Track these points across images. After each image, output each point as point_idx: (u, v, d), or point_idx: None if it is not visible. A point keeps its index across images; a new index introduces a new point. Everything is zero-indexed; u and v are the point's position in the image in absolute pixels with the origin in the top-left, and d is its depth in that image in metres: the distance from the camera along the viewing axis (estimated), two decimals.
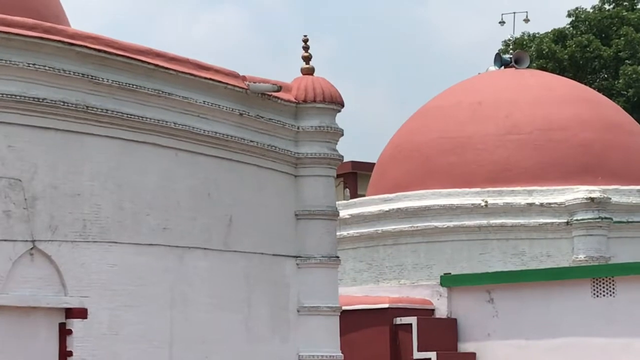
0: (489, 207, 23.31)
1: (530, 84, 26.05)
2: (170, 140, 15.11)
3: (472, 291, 21.82)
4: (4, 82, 13.50)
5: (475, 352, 21.50)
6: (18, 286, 13.60)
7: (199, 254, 15.37)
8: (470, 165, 23.96)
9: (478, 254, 23.19)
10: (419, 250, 23.36)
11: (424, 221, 23.21)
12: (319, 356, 16.38)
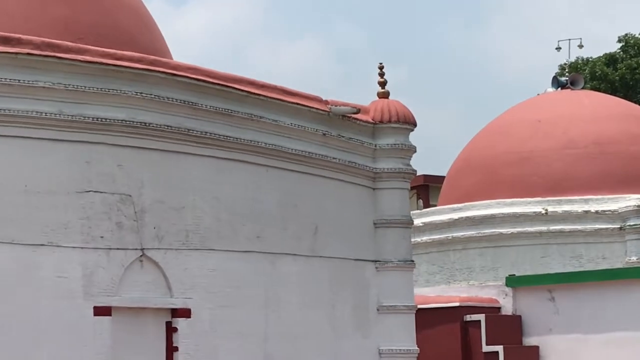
0: (549, 214, 23.19)
1: (585, 103, 25.89)
2: (261, 158, 15.20)
3: (534, 291, 21.69)
4: (115, 109, 13.69)
5: (538, 346, 21.36)
6: (129, 289, 13.78)
7: (289, 260, 15.43)
8: (532, 177, 23.84)
9: (539, 257, 23.07)
10: (485, 254, 23.28)
11: (490, 228, 23.15)
12: (397, 350, 16.36)
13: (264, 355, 14.83)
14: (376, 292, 16.49)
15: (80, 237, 13.35)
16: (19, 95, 13.04)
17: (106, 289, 13.50)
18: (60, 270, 13.18)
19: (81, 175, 13.45)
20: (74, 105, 13.39)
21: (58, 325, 13.08)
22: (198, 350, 14.15)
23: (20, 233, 12.95)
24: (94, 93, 13.51)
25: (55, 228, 13.20)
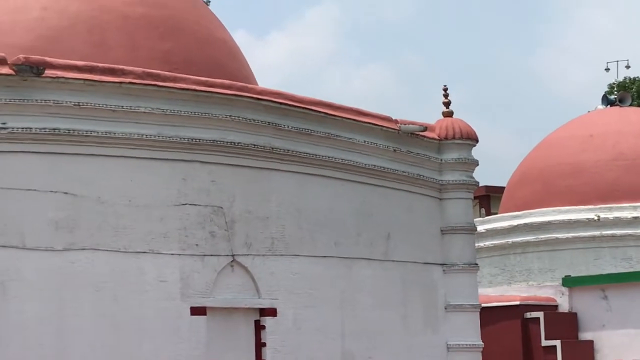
0: (600, 220, 22.98)
1: (633, 119, 25.62)
2: (338, 173, 15.21)
3: (588, 290, 21.53)
4: (207, 131, 13.81)
5: (593, 340, 21.17)
6: (222, 292, 13.86)
7: (363, 264, 15.41)
8: (584, 186, 23.64)
9: (593, 259, 22.85)
10: (543, 257, 23.11)
11: (546, 233, 22.99)
12: (464, 345, 16.27)
13: (342, 350, 14.82)
14: (443, 293, 16.41)
15: (178, 245, 13.49)
16: (123, 119, 13.21)
17: (201, 291, 13.62)
18: (161, 275, 13.32)
19: (178, 190, 13.58)
20: (171, 127, 13.53)
21: (159, 324, 13.23)
22: (284, 345, 14.20)
23: (125, 242, 13.11)
24: (189, 117, 13.65)
25: (156, 237, 13.34)
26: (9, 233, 12.45)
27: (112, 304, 12.94)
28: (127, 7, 14.79)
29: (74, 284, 12.75)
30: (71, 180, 12.87)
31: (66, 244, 12.75)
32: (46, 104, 12.77)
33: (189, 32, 15.37)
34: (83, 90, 12.94)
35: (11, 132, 12.60)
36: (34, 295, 12.50)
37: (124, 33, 14.49)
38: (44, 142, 12.76)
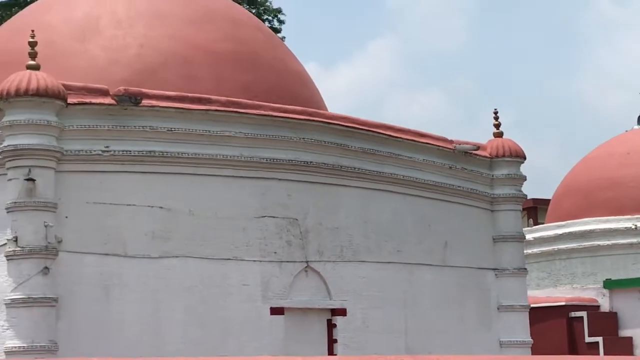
0: (638, 229, 22.66)
1: None
2: (400, 188, 15.22)
3: (627, 291, 21.25)
4: (283, 151, 13.91)
5: (632, 337, 20.89)
6: (297, 294, 13.94)
7: (424, 269, 15.37)
8: (623, 198, 23.33)
9: (631, 263, 22.53)
10: (585, 262, 22.84)
11: (588, 241, 22.71)
12: (515, 341, 16.12)
13: (405, 346, 14.79)
14: (496, 294, 16.29)
15: (259, 253, 13.60)
16: (209, 142, 13.39)
17: (279, 293, 13.71)
18: (243, 279, 13.44)
19: (258, 204, 13.70)
20: (252, 149, 13.66)
21: (242, 322, 13.34)
22: (353, 342, 14.22)
23: (213, 250, 13.27)
24: (267, 139, 13.77)
25: (239, 246, 13.47)
26: (111, 243, 12.68)
27: (200, 305, 13.10)
28: (213, 44, 14.95)
29: (168, 288, 12.94)
30: (165, 196, 13.08)
31: (161, 252, 12.95)
32: (143, 130, 13.01)
33: (267, 65, 15.49)
34: (175, 117, 13.16)
35: (113, 154, 12.84)
36: (133, 298, 12.72)
37: (211, 67, 14.64)
38: (142, 163, 13.00)
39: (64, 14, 15.17)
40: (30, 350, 11.78)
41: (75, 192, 12.52)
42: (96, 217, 12.60)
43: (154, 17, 15.06)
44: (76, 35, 14.67)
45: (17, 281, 12.01)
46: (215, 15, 15.77)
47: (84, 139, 12.68)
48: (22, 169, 12.15)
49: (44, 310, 12.02)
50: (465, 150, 16.06)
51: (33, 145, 12.22)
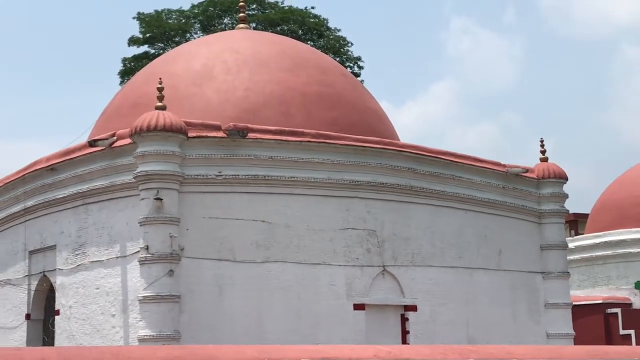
0: None
1: None
2: (461, 204, 15.03)
3: None
4: (363, 174, 13.83)
5: None
6: (376, 293, 13.83)
7: (481, 273, 15.15)
8: None
9: None
10: (619, 267, 22.43)
11: (622, 248, 22.32)
12: (560, 333, 15.81)
13: (467, 337, 14.56)
14: (543, 294, 15.99)
15: (343, 259, 13.53)
16: (302, 167, 13.41)
17: (361, 292, 13.61)
18: (331, 280, 13.39)
19: (343, 218, 13.65)
20: (337, 173, 13.64)
21: (330, 316, 13.28)
22: (423, 333, 14.04)
23: (306, 256, 13.25)
24: (350, 164, 13.73)
25: (327, 253, 13.42)
26: (223, 250, 12.76)
27: (296, 302, 13.08)
28: (305, 87, 15.01)
29: (269, 287, 12.95)
30: (267, 212, 13.11)
31: (264, 257, 12.98)
32: (248, 158, 13.08)
33: (350, 104, 15.48)
34: (274, 147, 13.21)
35: (224, 178, 12.94)
36: (241, 295, 12.76)
37: (303, 106, 14.70)
38: (247, 184, 13.06)
39: (184, 64, 15.40)
40: (159, 338, 11.91)
41: (194, 209, 12.64)
42: (211, 229, 12.70)
43: (257, 65, 15.18)
44: (194, 81, 14.86)
45: (148, 282, 12.16)
46: (307, 63, 15.83)
47: (201, 165, 12.81)
48: (152, 191, 12.32)
49: (169, 305, 12.14)
50: (516, 173, 15.86)
51: (161, 171, 12.39)
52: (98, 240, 13.19)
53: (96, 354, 8.74)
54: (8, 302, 15.14)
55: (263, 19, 31.18)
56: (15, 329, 14.83)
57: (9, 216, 15.27)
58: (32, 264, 14.56)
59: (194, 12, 31.99)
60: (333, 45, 32.11)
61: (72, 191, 13.61)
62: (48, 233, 14.15)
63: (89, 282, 13.22)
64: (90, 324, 13.10)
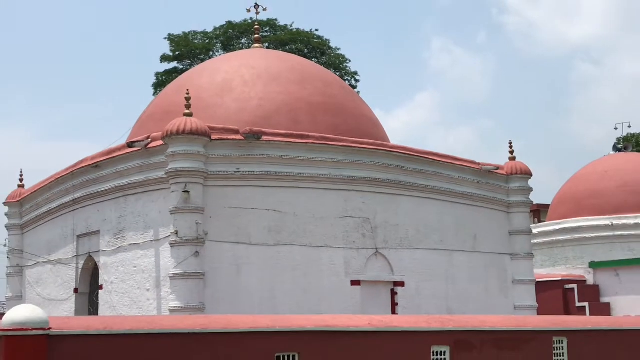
0: (613, 225, 22.06)
1: (633, 159, 24.52)
2: (442, 197, 14.97)
3: (606, 270, 20.73)
4: (359, 171, 13.75)
5: (610, 303, 20.32)
6: (370, 271, 13.76)
7: (459, 254, 15.10)
8: (602, 204, 22.73)
9: (609, 250, 21.99)
10: (575, 249, 22.39)
11: (578, 234, 22.30)
12: (525, 305, 15.74)
13: (447, 308, 14.52)
14: (511, 272, 15.93)
15: (342, 242, 13.49)
16: (308, 165, 13.35)
17: (357, 270, 13.57)
18: (332, 260, 13.35)
19: (342, 208, 13.60)
20: (338, 169, 13.58)
21: (331, 291, 13.25)
22: (409, 305, 14.00)
23: (311, 240, 13.20)
24: (348, 163, 13.66)
25: (329, 237, 13.38)
26: (241, 235, 12.73)
27: (303, 279, 13.05)
28: (311, 97, 14.96)
29: (280, 266, 12.92)
30: (278, 202, 13.07)
31: (275, 241, 12.94)
32: (262, 157, 13.04)
33: (348, 112, 15.43)
34: (284, 148, 13.17)
35: (242, 174, 12.90)
36: (256, 273, 12.73)
37: (309, 113, 14.64)
38: (261, 179, 13.02)
39: (208, 78, 15.35)
40: (186, 309, 11.89)
41: (217, 200, 12.60)
42: (230, 217, 12.66)
43: (270, 79, 15.13)
44: (216, 92, 14.81)
45: (177, 261, 12.14)
46: (312, 77, 15.77)
47: (222, 163, 12.77)
48: (180, 184, 12.30)
49: (195, 281, 12.13)
50: (488, 170, 15.78)
51: (188, 168, 12.37)
52: (135, 227, 13.17)
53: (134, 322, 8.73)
54: (59, 278, 15.14)
55: (275, 39, 31.09)
56: (65, 301, 14.83)
57: (60, 206, 15.25)
58: (80, 246, 14.56)
59: (216, 33, 31.92)
60: (334, 61, 32.01)
61: (113, 185, 13.61)
62: (93, 220, 14.14)
63: (127, 262, 13.20)
64: (129, 297, 13.08)
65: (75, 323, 8.42)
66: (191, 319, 9.34)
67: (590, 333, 12.24)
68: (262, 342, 9.12)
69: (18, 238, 16.97)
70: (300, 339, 9.34)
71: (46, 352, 7.89)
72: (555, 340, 11.69)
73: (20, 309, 7.98)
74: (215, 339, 8.87)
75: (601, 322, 13.43)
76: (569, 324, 12.29)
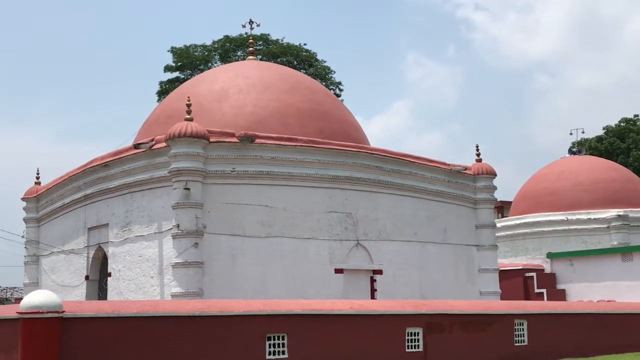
0: (568, 220, 22.16)
1: (586, 161, 24.62)
2: (417, 194, 14.95)
3: (562, 260, 20.76)
4: (342, 171, 13.69)
5: (565, 289, 20.36)
6: (351, 260, 13.72)
7: (431, 245, 15.09)
8: (559, 201, 22.83)
9: (564, 242, 22.06)
10: (535, 241, 22.42)
11: (537, 228, 22.35)
12: (490, 291, 15.74)
13: (420, 294, 14.51)
14: (478, 262, 15.96)
15: (327, 234, 13.47)
16: (297, 165, 13.32)
17: (340, 260, 13.54)
18: (318, 251, 13.33)
19: (327, 204, 13.57)
20: (323, 169, 13.55)
21: (317, 278, 13.22)
22: (386, 291, 14.00)
23: (299, 232, 13.18)
24: (332, 163, 13.63)
25: (316, 230, 13.36)
26: (236, 228, 12.67)
27: (292, 268, 13.02)
28: (300, 104, 14.93)
29: (271, 256, 12.88)
30: (269, 198, 13.03)
31: (267, 233, 12.90)
32: (255, 158, 12.99)
33: (332, 117, 15.41)
34: (275, 150, 13.13)
35: (237, 173, 12.85)
36: (250, 262, 12.69)
37: (298, 118, 14.62)
38: (255, 178, 12.97)
39: (207, 87, 15.29)
40: (186, 294, 11.84)
41: (214, 196, 12.55)
42: (227, 211, 12.62)
43: (263, 88, 15.09)
44: (215, 99, 14.75)
45: (179, 251, 12.09)
46: (301, 86, 15.74)
47: (220, 163, 12.72)
48: (182, 182, 12.25)
49: (195, 269, 12.08)
50: (457, 170, 15.79)
51: (189, 167, 12.31)
52: (140, 220, 13.10)
53: (139, 306, 8.71)
54: (72, 266, 15.04)
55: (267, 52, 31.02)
56: (77, 287, 14.74)
57: (72, 201, 15.15)
58: (90, 238, 14.46)
59: (214, 46, 31.82)
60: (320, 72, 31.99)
61: (120, 182, 13.53)
62: (102, 214, 14.05)
63: (133, 252, 13.13)
64: (135, 283, 13.01)
65: (87, 307, 8.39)
66: (191, 303, 9.32)
67: (547, 316, 12.32)
68: (255, 324, 9.11)
69: (35, 230, 16.83)
70: (289, 321, 9.35)
71: (60, 332, 7.86)
72: (516, 322, 11.76)
73: (36, 294, 7.94)
74: (213, 321, 8.86)
75: (557, 306, 13.53)
76: (528, 308, 12.37)
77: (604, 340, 12.91)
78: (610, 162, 25.92)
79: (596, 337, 12.87)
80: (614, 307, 14.27)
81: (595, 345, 12.69)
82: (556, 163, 25.37)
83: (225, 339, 8.89)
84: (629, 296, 18.64)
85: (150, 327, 8.43)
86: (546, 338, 12.05)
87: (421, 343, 10.49)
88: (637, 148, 35.90)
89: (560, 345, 12.20)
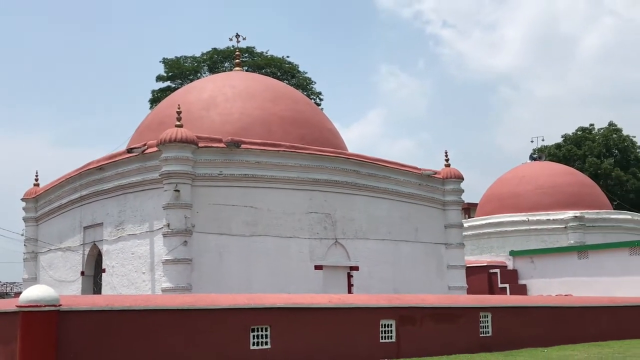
0: (529, 221, 22.36)
1: (545, 167, 24.90)
2: (390, 196, 15.01)
3: (523, 258, 20.94)
4: (321, 174, 13.71)
5: (526, 284, 20.55)
6: (330, 258, 13.71)
7: (404, 244, 15.15)
8: (521, 203, 23.05)
9: (525, 241, 22.23)
10: (499, 240, 22.56)
11: (501, 228, 22.48)
12: (457, 286, 15.84)
13: (393, 289, 14.55)
14: (446, 259, 16.06)
15: (308, 233, 13.47)
16: (279, 169, 13.30)
17: (320, 257, 13.54)
18: (299, 249, 13.32)
19: (307, 205, 13.58)
20: (304, 173, 13.56)
21: (299, 274, 13.21)
22: (362, 286, 14.03)
23: (281, 231, 13.15)
24: (313, 167, 13.65)
25: (297, 229, 13.35)
26: (223, 227, 12.64)
27: (275, 264, 12.99)
28: (283, 112, 14.95)
29: (255, 254, 12.86)
30: (254, 200, 13.00)
31: (251, 232, 12.87)
32: (241, 162, 12.96)
33: (313, 124, 15.44)
34: (259, 154, 13.10)
35: (224, 176, 12.82)
36: (235, 259, 12.66)
37: (281, 126, 14.62)
38: (240, 180, 12.95)
39: (196, 95, 15.24)
40: (176, 289, 11.79)
41: (202, 198, 12.52)
42: (214, 212, 12.58)
43: (248, 97, 15.08)
44: (203, 107, 14.71)
45: (169, 249, 12.03)
46: (284, 95, 15.75)
47: (207, 167, 12.68)
48: (172, 184, 12.19)
49: (184, 266, 12.03)
50: (428, 174, 15.89)
51: (179, 170, 12.26)
52: (133, 220, 13.01)
53: (132, 300, 8.66)
54: (68, 262, 14.89)
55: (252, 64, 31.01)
56: (73, 282, 14.59)
57: (69, 202, 15.00)
58: (86, 236, 14.33)
59: (203, 58, 31.73)
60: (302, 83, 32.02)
61: (115, 184, 13.43)
62: (97, 214, 13.93)
63: (126, 249, 13.04)
64: (127, 279, 12.92)
65: (82, 300, 8.33)
66: (180, 297, 9.29)
67: (510, 309, 12.44)
68: (240, 317, 9.11)
69: (33, 229, 16.66)
70: (272, 314, 9.35)
71: (57, 325, 7.80)
72: (481, 314, 11.86)
73: (35, 288, 7.87)
74: (201, 314, 8.84)
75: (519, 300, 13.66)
76: (492, 301, 12.48)
77: (561, 332, 13.07)
78: (568, 168, 26.22)
79: (555, 328, 13.02)
80: (571, 301, 14.46)
81: (553, 336, 12.85)
82: (519, 168, 25.61)
83: (213, 330, 8.87)
84: (585, 291, 18.87)
85: (142, 320, 8.39)
86: (509, 329, 12.18)
87: (394, 334, 10.54)
88: (592, 155, 36.44)
89: (522, 336, 12.33)
